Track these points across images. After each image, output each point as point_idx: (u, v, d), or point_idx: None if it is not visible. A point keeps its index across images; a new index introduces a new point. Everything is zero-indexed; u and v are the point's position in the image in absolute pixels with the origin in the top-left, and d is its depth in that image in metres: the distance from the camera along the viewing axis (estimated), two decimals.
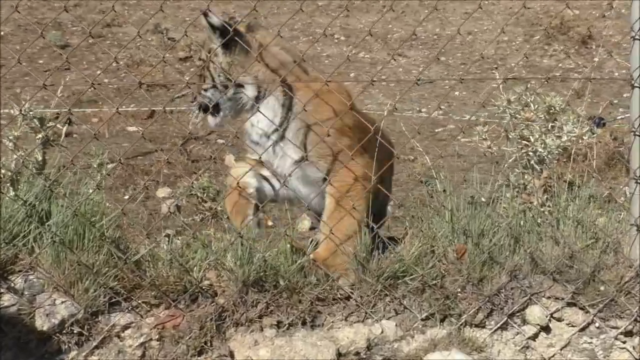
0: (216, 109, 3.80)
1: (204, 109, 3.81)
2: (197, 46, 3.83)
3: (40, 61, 11.11)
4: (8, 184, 3.51)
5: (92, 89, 3.26)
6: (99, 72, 11.00)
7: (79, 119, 7.22)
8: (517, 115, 4.07)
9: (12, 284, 3.30)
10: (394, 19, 13.43)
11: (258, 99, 3.75)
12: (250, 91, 3.74)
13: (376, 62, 11.81)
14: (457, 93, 10.50)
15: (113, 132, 8.60)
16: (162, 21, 12.17)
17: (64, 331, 3.29)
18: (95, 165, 4.03)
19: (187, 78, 11.01)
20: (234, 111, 3.79)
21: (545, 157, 3.94)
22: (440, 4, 13.17)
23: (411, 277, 3.55)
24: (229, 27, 3.64)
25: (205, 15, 3.69)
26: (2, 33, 11.87)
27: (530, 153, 3.97)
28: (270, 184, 3.83)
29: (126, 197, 6.60)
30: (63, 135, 3.58)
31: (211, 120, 3.83)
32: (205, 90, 3.78)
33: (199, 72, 3.83)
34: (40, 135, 3.56)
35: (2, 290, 3.26)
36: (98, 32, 12.17)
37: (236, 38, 3.65)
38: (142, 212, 5.81)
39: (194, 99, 3.85)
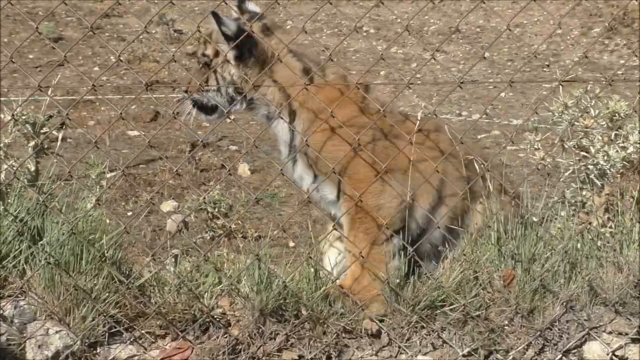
0: (213, 110, 3.85)
1: (200, 106, 3.85)
2: (201, 36, 3.84)
3: (31, 56, 11.28)
4: None
5: (88, 87, 3.30)
6: (96, 68, 11.16)
7: (74, 122, 7.29)
8: (574, 122, 4.06)
9: (1, 311, 3.34)
10: (431, 8, 13.45)
11: (269, 118, 3.82)
12: (262, 110, 3.82)
13: (410, 59, 11.85)
14: (502, 94, 10.48)
15: (112, 136, 8.69)
16: (167, 11, 12.29)
17: None
18: (93, 177, 4.07)
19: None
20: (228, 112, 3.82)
21: (608, 171, 3.92)
22: None
23: (451, 306, 3.55)
24: (244, 31, 3.62)
25: (219, 21, 3.66)
26: None
27: (590, 166, 3.96)
28: None
29: (127, 210, 6.66)
30: (59, 142, 3.63)
31: (205, 117, 3.90)
32: (207, 91, 3.81)
33: (201, 67, 3.83)
34: (32, 143, 3.61)
35: None
36: (96, 23, 12.30)
37: (250, 46, 3.65)
38: (145, 228, 5.88)
39: (187, 92, 3.86)
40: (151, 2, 13.45)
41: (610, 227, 3.84)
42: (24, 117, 3.50)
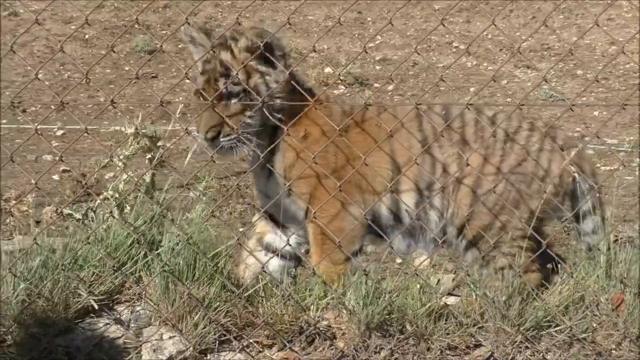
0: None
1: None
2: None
3: (126, 68, 11.60)
4: (114, 207, 3.73)
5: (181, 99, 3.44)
6: (188, 80, 11.43)
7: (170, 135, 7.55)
8: None
9: (119, 315, 3.51)
10: (523, 25, 13.36)
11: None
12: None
13: (501, 75, 11.77)
14: (596, 113, 10.34)
15: None
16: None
17: None
18: (200, 189, 4.23)
19: None
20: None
21: None
22: (578, 9, 13.03)
23: (557, 328, 3.56)
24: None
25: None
26: (86, 37, 12.48)
27: None
28: None
29: (221, 221, 6.80)
30: (189, 157, 3.78)
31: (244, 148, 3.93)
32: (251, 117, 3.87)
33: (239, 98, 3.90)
34: (149, 155, 3.77)
35: (109, 322, 3.47)
36: None
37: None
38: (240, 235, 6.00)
39: (237, 135, 3.84)
40: (243, 16, 13.75)
41: None
42: (143, 131, 3.67)
